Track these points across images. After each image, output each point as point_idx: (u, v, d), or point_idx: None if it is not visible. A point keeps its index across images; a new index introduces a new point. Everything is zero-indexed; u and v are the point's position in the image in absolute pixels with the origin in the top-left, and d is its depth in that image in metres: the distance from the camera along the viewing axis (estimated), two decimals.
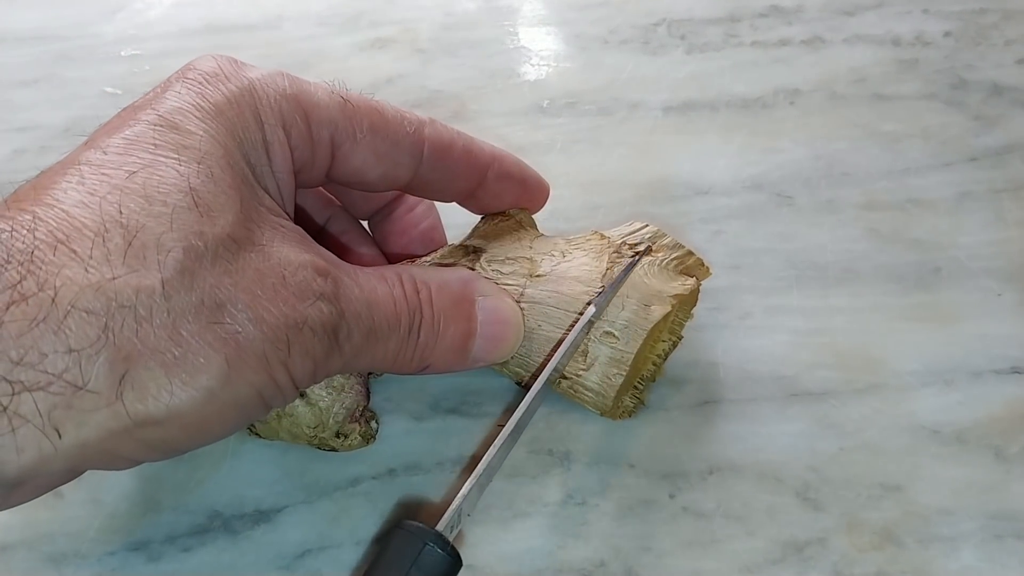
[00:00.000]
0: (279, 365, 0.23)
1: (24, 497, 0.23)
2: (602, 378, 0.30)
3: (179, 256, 0.21)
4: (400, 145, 0.28)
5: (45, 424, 0.19)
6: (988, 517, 0.30)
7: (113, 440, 0.20)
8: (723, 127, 0.42)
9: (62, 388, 0.19)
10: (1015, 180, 0.39)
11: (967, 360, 0.33)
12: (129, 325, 0.20)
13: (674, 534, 0.30)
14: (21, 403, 0.19)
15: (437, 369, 0.28)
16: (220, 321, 0.21)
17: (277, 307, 0.23)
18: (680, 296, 0.30)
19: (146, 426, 0.21)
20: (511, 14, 0.48)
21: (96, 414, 0.20)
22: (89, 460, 0.21)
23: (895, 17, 0.46)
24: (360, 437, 0.30)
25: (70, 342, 0.19)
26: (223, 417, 0.22)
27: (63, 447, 0.20)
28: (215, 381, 0.21)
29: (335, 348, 0.24)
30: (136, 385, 0.20)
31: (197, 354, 0.21)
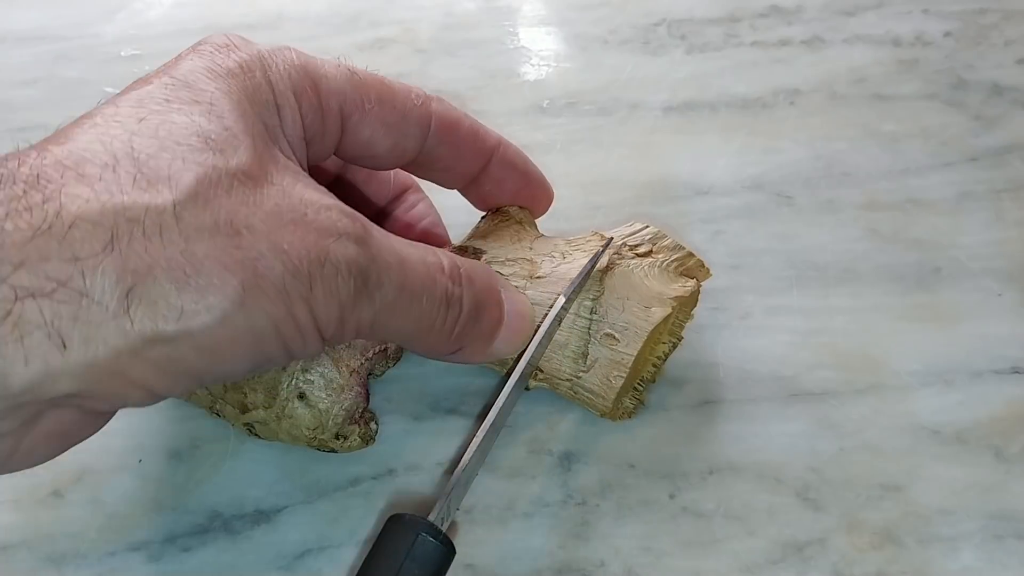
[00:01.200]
0: (300, 300, 0.22)
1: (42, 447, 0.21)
2: (602, 380, 0.30)
3: (191, 181, 0.21)
4: (408, 117, 0.28)
5: (52, 334, 0.19)
6: (988, 517, 0.30)
7: (122, 360, 0.20)
8: (723, 127, 0.42)
9: (67, 297, 0.19)
10: (1015, 180, 0.39)
11: (967, 360, 0.33)
12: (137, 239, 0.19)
13: (674, 534, 0.30)
14: (26, 310, 0.18)
15: (465, 356, 0.28)
16: (236, 246, 0.21)
17: (299, 239, 0.22)
18: (680, 298, 0.30)
19: (156, 344, 0.20)
20: (511, 14, 0.48)
21: (103, 328, 0.19)
22: (101, 385, 0.20)
23: (895, 17, 0.46)
24: (359, 438, 0.30)
25: (74, 250, 0.19)
26: (237, 345, 0.21)
27: (70, 362, 0.19)
28: (229, 303, 0.20)
29: (364, 294, 0.23)
30: (145, 300, 0.19)
31: (211, 274, 0.20)
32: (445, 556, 0.25)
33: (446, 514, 0.26)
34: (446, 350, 0.27)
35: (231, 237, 0.21)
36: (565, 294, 0.29)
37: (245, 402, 0.29)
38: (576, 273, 0.30)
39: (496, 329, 0.28)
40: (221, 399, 0.30)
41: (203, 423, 0.33)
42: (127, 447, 0.32)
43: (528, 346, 0.29)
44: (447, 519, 0.26)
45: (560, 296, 0.29)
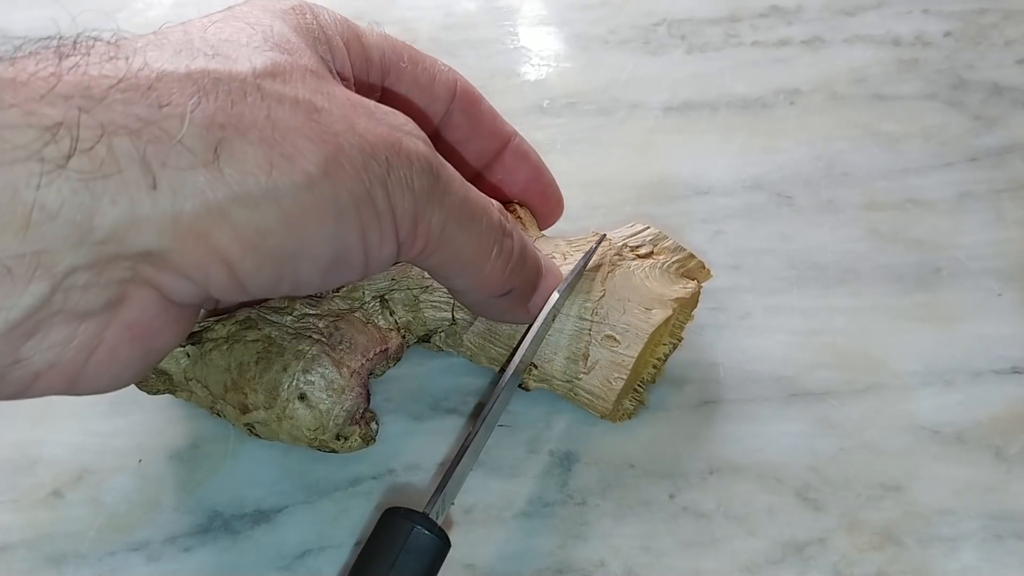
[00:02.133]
0: (378, 183, 0.21)
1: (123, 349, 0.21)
2: (603, 382, 0.30)
3: (267, 62, 0.21)
4: (437, 80, 0.29)
5: (143, 170, 0.18)
6: (988, 517, 0.30)
7: (209, 219, 0.19)
8: (723, 127, 0.42)
9: (156, 136, 0.18)
10: (1015, 180, 0.39)
11: (967, 360, 0.33)
12: (223, 98, 0.19)
13: (674, 534, 0.30)
14: (115, 144, 0.18)
15: (513, 301, 0.28)
16: (316, 120, 0.21)
17: (373, 127, 0.22)
18: (681, 300, 0.30)
19: (243, 206, 0.19)
20: (511, 14, 0.48)
21: (192, 176, 0.19)
22: (184, 246, 0.19)
23: (895, 17, 0.46)
24: (360, 439, 0.30)
25: (161, 99, 0.19)
26: (321, 214, 0.21)
27: (157, 209, 0.19)
28: (315, 168, 0.20)
29: (436, 193, 0.23)
30: (234, 156, 0.19)
31: (295, 140, 0.20)
32: (440, 549, 0.25)
33: (441, 508, 0.26)
34: (500, 286, 0.27)
35: (310, 113, 0.21)
36: (559, 290, 0.29)
37: (246, 402, 0.29)
38: (576, 270, 0.30)
39: (538, 276, 0.29)
40: (221, 399, 0.30)
41: (203, 423, 0.33)
42: (127, 447, 0.32)
43: (523, 340, 0.29)
44: (442, 513, 0.26)
45: (554, 292, 0.29)
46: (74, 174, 0.18)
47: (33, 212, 0.17)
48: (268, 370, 0.29)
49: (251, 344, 0.29)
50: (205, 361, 0.30)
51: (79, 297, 0.19)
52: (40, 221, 0.18)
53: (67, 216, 0.18)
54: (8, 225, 0.17)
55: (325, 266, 0.22)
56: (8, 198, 0.17)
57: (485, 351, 0.31)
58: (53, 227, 0.18)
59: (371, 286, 0.31)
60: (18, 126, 0.17)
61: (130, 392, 0.31)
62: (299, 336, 0.29)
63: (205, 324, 0.31)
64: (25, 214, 0.17)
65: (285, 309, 0.30)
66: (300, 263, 0.22)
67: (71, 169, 0.18)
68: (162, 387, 0.31)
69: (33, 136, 0.17)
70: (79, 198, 0.18)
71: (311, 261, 0.22)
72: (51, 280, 0.18)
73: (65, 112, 0.18)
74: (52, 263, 0.18)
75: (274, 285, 0.22)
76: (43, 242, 0.18)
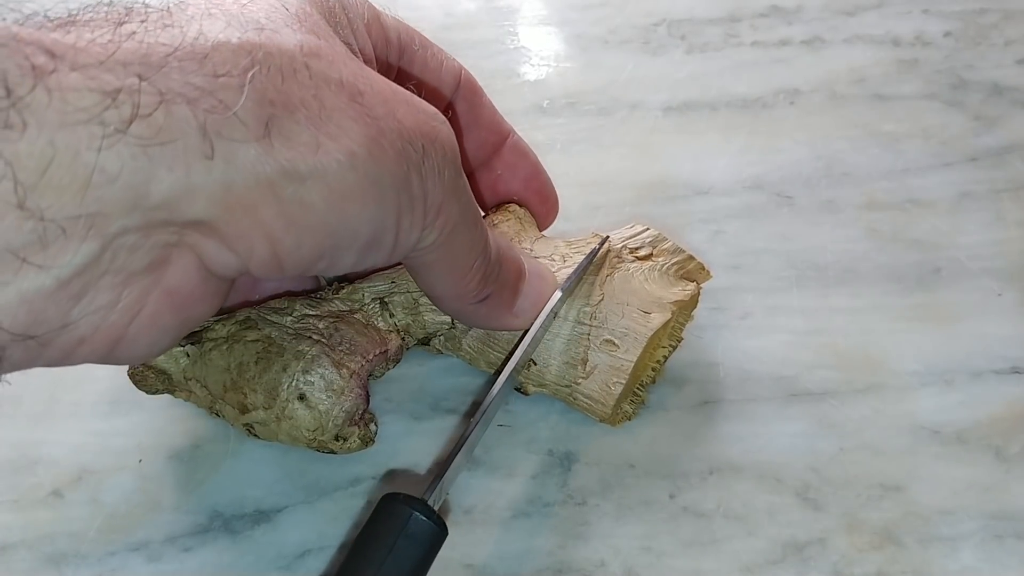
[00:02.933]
0: (415, 169, 0.22)
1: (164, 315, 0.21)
2: (602, 386, 0.30)
3: (313, 41, 0.21)
4: (444, 66, 0.30)
5: (200, 141, 0.18)
6: (988, 517, 0.30)
7: (258, 191, 0.20)
8: (723, 127, 0.42)
9: (213, 105, 0.19)
10: (1015, 180, 0.39)
11: (967, 360, 0.33)
12: (275, 74, 0.20)
13: (674, 534, 0.30)
14: (173, 112, 0.18)
15: (492, 306, 0.28)
16: (359, 103, 0.21)
17: (411, 114, 0.22)
18: (680, 302, 0.30)
19: (291, 181, 0.20)
20: (511, 14, 0.48)
21: (245, 149, 0.19)
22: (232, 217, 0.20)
23: (895, 17, 0.46)
24: (359, 440, 0.30)
25: (216, 69, 0.19)
26: (364, 194, 0.21)
27: (211, 178, 0.19)
28: (359, 147, 0.21)
29: (459, 185, 0.24)
30: (283, 132, 0.20)
31: (341, 121, 0.21)
32: (438, 535, 0.25)
33: (439, 495, 0.26)
34: (475, 292, 0.27)
35: (354, 96, 0.21)
36: (561, 289, 0.29)
37: (245, 402, 0.29)
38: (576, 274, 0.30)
39: (518, 280, 0.29)
40: (221, 399, 0.30)
41: (203, 423, 0.33)
42: (127, 447, 0.32)
43: (520, 341, 0.29)
44: (439, 501, 0.26)
45: (556, 291, 0.29)
46: (133, 139, 0.18)
47: (94, 175, 0.18)
48: (268, 370, 0.29)
49: (251, 344, 0.29)
50: (205, 361, 0.30)
51: (125, 258, 0.19)
52: (99, 184, 0.18)
53: (125, 180, 0.18)
54: (68, 186, 0.17)
55: (361, 247, 0.23)
56: (69, 159, 0.17)
57: (484, 355, 0.31)
58: (111, 191, 0.18)
59: (371, 288, 0.31)
60: (80, 89, 0.17)
61: (130, 392, 0.31)
62: (299, 337, 0.29)
63: (205, 324, 0.31)
64: (86, 176, 0.18)
65: (285, 310, 0.30)
66: (339, 242, 0.22)
67: (131, 134, 0.18)
68: (161, 387, 0.31)
69: (95, 100, 0.18)
70: (138, 163, 0.18)
71: (350, 240, 0.22)
72: (102, 241, 0.18)
73: (125, 78, 0.18)
74: (105, 225, 0.18)
75: (311, 264, 0.22)
76: (99, 205, 0.18)
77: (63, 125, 0.17)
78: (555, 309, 0.30)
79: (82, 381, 0.34)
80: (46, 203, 0.17)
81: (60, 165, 0.17)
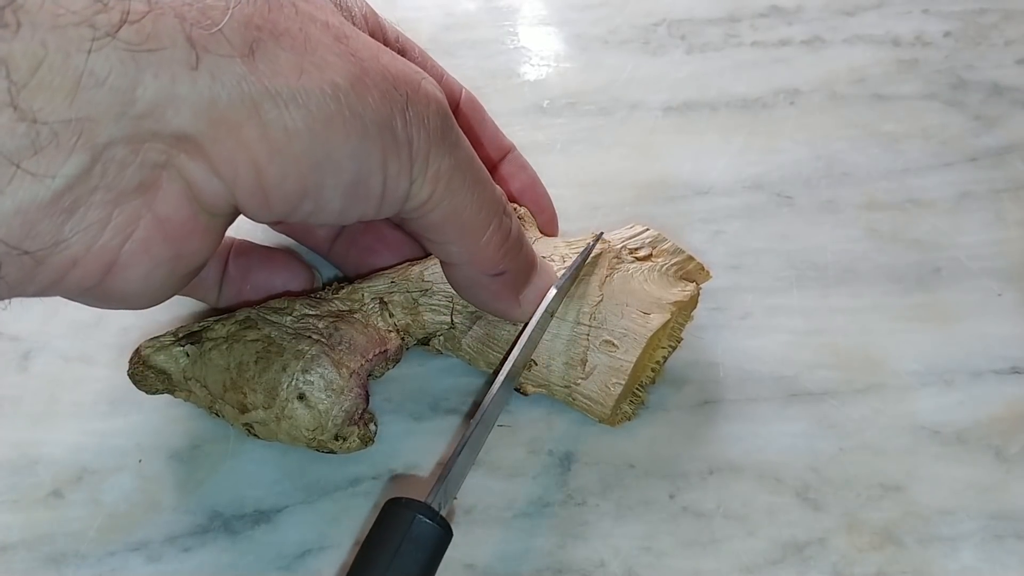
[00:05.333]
0: (399, 112, 0.22)
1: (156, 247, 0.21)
2: (601, 387, 0.30)
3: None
4: (444, 80, 0.30)
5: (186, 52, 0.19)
6: (988, 517, 0.30)
7: (242, 109, 0.20)
8: (723, 127, 0.42)
9: (200, 20, 0.19)
10: (1015, 180, 0.39)
11: (967, 360, 0.33)
12: (261, 4, 0.20)
13: (674, 534, 0.30)
14: (161, 21, 0.19)
15: (506, 284, 0.28)
16: (344, 43, 0.21)
17: (395, 64, 0.23)
18: (680, 303, 0.30)
19: (274, 102, 0.20)
20: (511, 14, 0.48)
21: (230, 65, 0.20)
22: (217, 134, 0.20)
23: (895, 17, 0.46)
24: (358, 440, 0.30)
25: None
26: (346, 126, 0.21)
27: (196, 89, 0.19)
28: (342, 80, 0.21)
29: (448, 138, 0.24)
30: (267, 55, 0.20)
31: (325, 55, 0.21)
32: (442, 538, 0.25)
33: (443, 498, 0.26)
34: (494, 262, 0.27)
35: (339, 37, 0.22)
36: (557, 286, 0.29)
37: (244, 402, 0.29)
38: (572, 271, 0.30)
39: (532, 268, 0.29)
40: (220, 399, 0.30)
41: (203, 423, 0.33)
42: (127, 447, 0.32)
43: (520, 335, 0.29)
44: (444, 504, 0.26)
45: (552, 288, 0.29)
46: (122, 44, 0.18)
47: (83, 77, 0.18)
48: (267, 370, 0.29)
49: (251, 344, 0.29)
50: (204, 360, 0.30)
51: (116, 173, 0.20)
52: (88, 86, 0.18)
53: (113, 84, 0.18)
54: (60, 87, 0.18)
55: (346, 186, 0.23)
56: (60, 60, 0.18)
57: (484, 355, 0.31)
58: (99, 94, 0.18)
59: (370, 288, 0.31)
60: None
61: (130, 392, 0.31)
62: (299, 336, 0.29)
63: (205, 324, 0.31)
64: (75, 78, 0.18)
65: (285, 309, 0.30)
66: (324, 177, 0.22)
67: (120, 39, 0.18)
68: (160, 387, 0.31)
69: (86, 3, 0.18)
70: (125, 67, 0.19)
71: (334, 176, 0.22)
72: (92, 152, 0.19)
73: None
74: (94, 133, 0.19)
75: (297, 202, 0.22)
76: (89, 108, 0.18)
77: (55, 27, 0.18)
78: (550, 308, 0.29)
79: (82, 381, 0.34)
80: (38, 104, 0.18)
81: (51, 66, 0.18)
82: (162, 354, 0.30)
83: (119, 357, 0.31)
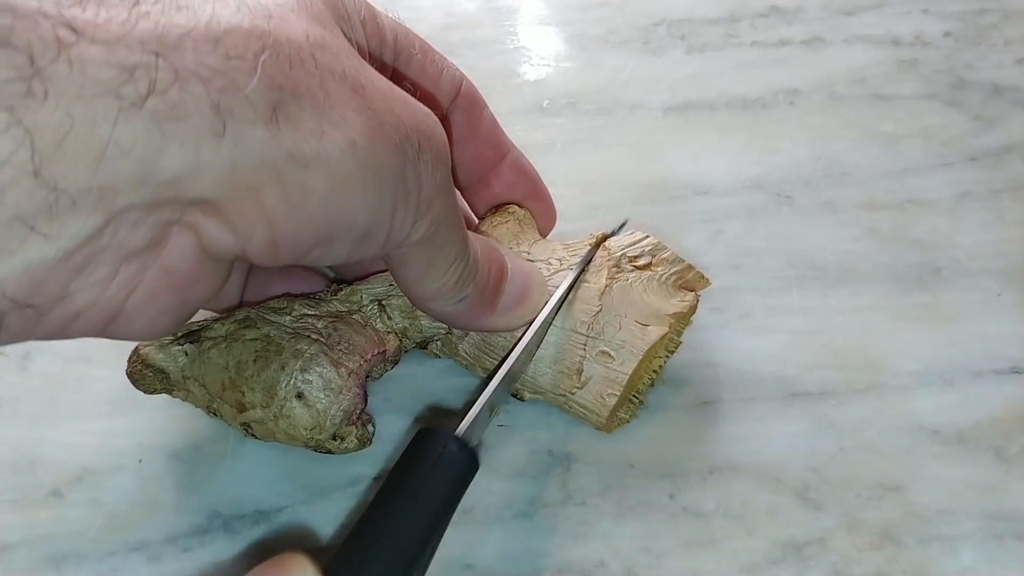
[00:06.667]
0: (410, 163, 0.23)
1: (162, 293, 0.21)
2: (596, 397, 0.30)
3: (319, 33, 0.22)
4: (444, 74, 0.30)
5: (213, 119, 0.19)
6: (988, 517, 0.30)
7: (263, 173, 0.20)
8: (723, 127, 0.42)
9: (225, 85, 0.19)
10: (1015, 180, 0.39)
11: (967, 360, 0.33)
12: (283, 61, 0.20)
13: (674, 534, 0.30)
14: (187, 90, 0.19)
15: (471, 305, 0.28)
16: (361, 95, 0.22)
17: (409, 112, 0.23)
18: (678, 314, 0.30)
19: (295, 165, 0.20)
20: (511, 14, 0.48)
21: (254, 130, 0.19)
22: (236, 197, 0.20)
23: (895, 17, 0.46)
24: (356, 440, 0.30)
25: (228, 51, 0.19)
26: (363, 183, 0.22)
27: (220, 157, 0.19)
28: (360, 136, 0.21)
29: (447, 184, 0.24)
30: (290, 117, 0.20)
31: (344, 111, 0.21)
32: (470, 468, 0.26)
33: (472, 433, 0.26)
34: (452, 291, 0.27)
35: (356, 88, 0.22)
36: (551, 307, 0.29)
37: (243, 401, 0.29)
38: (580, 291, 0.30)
39: (500, 282, 0.29)
40: (219, 398, 0.30)
41: (203, 423, 0.33)
42: (127, 447, 0.32)
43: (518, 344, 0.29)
44: (472, 439, 0.26)
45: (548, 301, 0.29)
46: (148, 114, 0.18)
47: (108, 147, 0.18)
48: (266, 368, 0.29)
49: (249, 343, 0.29)
50: (203, 359, 0.30)
51: (128, 233, 0.19)
52: (112, 156, 0.18)
53: (138, 154, 0.18)
54: (83, 157, 0.18)
55: (357, 237, 0.23)
56: (86, 131, 0.18)
57: (480, 361, 0.31)
58: (123, 164, 0.18)
59: (369, 290, 0.31)
60: (99, 63, 0.18)
61: (130, 392, 0.31)
62: (297, 336, 0.29)
63: (204, 323, 0.31)
64: (100, 148, 0.18)
65: (284, 309, 0.30)
66: (337, 230, 0.22)
67: (146, 109, 0.18)
68: (159, 386, 0.31)
69: (113, 74, 0.18)
70: (151, 137, 0.18)
71: (347, 229, 0.22)
72: (107, 215, 0.19)
73: (142, 55, 0.18)
74: (114, 199, 0.19)
75: (307, 251, 0.22)
76: (111, 178, 0.18)
77: (82, 97, 0.17)
78: (548, 319, 0.30)
79: (82, 381, 0.34)
80: (60, 173, 0.18)
81: (77, 136, 0.18)
82: (161, 353, 0.30)
83: (119, 357, 0.31)
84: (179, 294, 0.22)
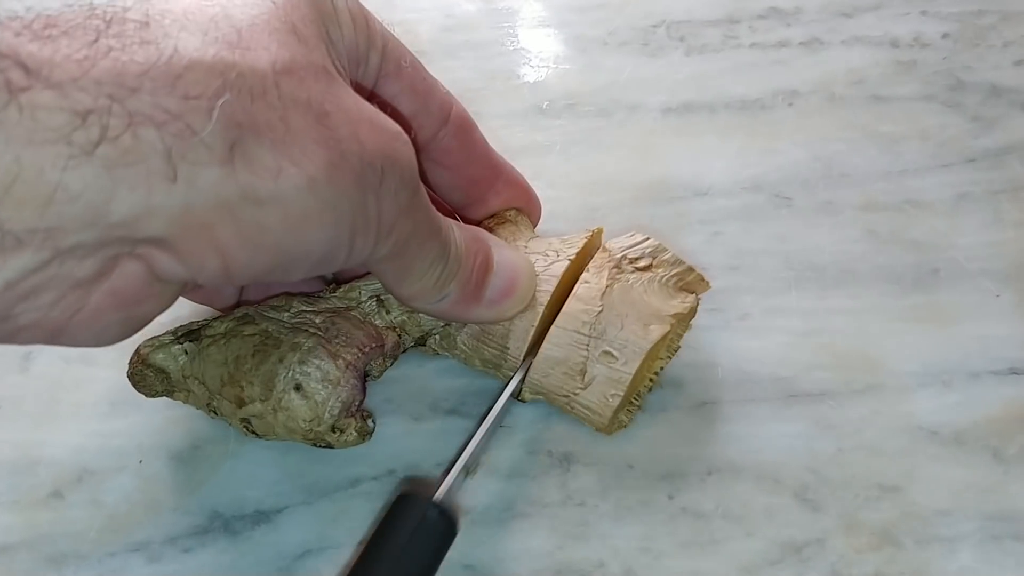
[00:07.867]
0: (372, 192, 0.22)
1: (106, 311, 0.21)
2: (600, 398, 0.30)
3: (288, 57, 0.21)
4: (433, 95, 0.29)
5: (165, 164, 0.19)
6: (986, 518, 0.30)
7: (217, 212, 0.20)
8: (722, 128, 0.42)
9: (179, 130, 0.19)
10: (1013, 181, 0.39)
11: (965, 361, 0.33)
12: (244, 96, 0.20)
13: (673, 535, 0.30)
14: (140, 135, 0.18)
15: (454, 301, 0.28)
16: (324, 125, 0.21)
17: (374, 136, 0.22)
18: (679, 315, 0.30)
19: (250, 204, 0.20)
20: (511, 16, 0.48)
21: (208, 172, 0.19)
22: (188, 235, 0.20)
23: (893, 19, 0.46)
24: (356, 432, 0.30)
25: (187, 90, 0.19)
26: (320, 217, 0.21)
27: (172, 200, 0.19)
28: (319, 172, 0.21)
29: (413, 205, 0.24)
30: (247, 156, 0.20)
31: (304, 144, 0.21)
32: (449, 534, 0.26)
33: (450, 497, 0.27)
34: (432, 293, 0.27)
35: (320, 117, 0.21)
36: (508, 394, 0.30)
37: (242, 395, 0.29)
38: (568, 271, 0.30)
39: (484, 275, 0.29)
40: (218, 394, 0.30)
41: (203, 423, 0.33)
42: (127, 447, 0.32)
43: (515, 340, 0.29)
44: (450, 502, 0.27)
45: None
46: (99, 160, 0.18)
47: (56, 192, 0.18)
48: (264, 362, 0.29)
49: (248, 338, 0.29)
50: (203, 357, 0.30)
51: (74, 265, 0.19)
52: (61, 201, 0.18)
53: (87, 199, 0.18)
54: (30, 202, 0.18)
55: (313, 263, 0.23)
56: (34, 176, 0.18)
57: (478, 352, 0.31)
58: (72, 208, 0.18)
59: (367, 286, 0.31)
60: (51, 109, 0.18)
61: (130, 393, 0.31)
62: (296, 330, 0.29)
63: (204, 322, 0.31)
64: (48, 193, 0.18)
65: (283, 307, 0.30)
66: (292, 259, 0.22)
67: (97, 156, 0.18)
68: (160, 388, 0.31)
69: (65, 120, 0.18)
70: (100, 183, 0.18)
71: (303, 258, 0.22)
72: (54, 252, 0.19)
73: (96, 99, 0.18)
74: (61, 239, 0.19)
75: (260, 277, 0.22)
76: (59, 220, 0.18)
77: (31, 143, 0.17)
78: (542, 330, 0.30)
79: (82, 382, 0.34)
80: (6, 215, 0.18)
81: (24, 181, 0.18)
82: (161, 352, 0.30)
83: (120, 358, 0.31)
84: (123, 311, 0.22)
